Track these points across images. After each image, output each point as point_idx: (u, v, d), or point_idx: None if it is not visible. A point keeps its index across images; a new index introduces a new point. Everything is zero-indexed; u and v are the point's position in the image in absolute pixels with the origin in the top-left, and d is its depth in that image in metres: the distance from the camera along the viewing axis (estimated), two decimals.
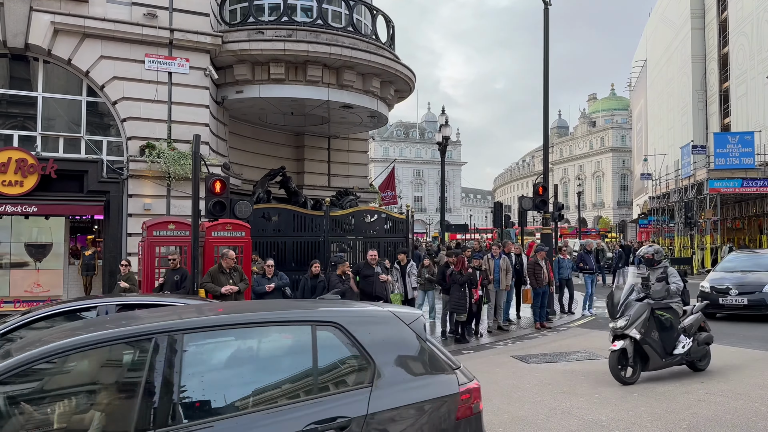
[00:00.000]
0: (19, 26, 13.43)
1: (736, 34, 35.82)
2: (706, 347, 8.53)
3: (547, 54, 16.94)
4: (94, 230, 17.25)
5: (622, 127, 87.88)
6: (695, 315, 8.52)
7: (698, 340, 8.30)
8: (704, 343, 8.46)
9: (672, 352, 8.00)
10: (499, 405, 7.08)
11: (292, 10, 17.26)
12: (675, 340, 8.04)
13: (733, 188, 28.38)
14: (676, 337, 8.06)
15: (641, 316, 7.84)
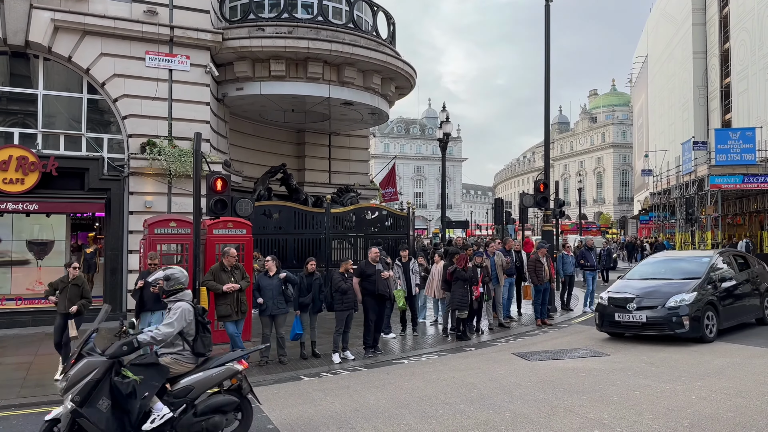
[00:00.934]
0: (20, 23, 13.42)
1: (737, 30, 35.71)
2: (224, 417, 5.78)
3: (548, 52, 16.90)
4: (95, 228, 17.25)
5: (623, 122, 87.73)
6: (213, 370, 5.82)
7: (197, 410, 5.66)
8: (214, 411, 5.73)
9: (139, 427, 5.43)
10: (501, 402, 7.08)
11: (292, 6, 17.24)
12: (139, 412, 5.42)
13: (734, 184, 28.29)
14: (142, 407, 5.43)
15: (84, 379, 5.29)
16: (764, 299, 12.27)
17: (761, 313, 12.17)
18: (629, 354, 9.86)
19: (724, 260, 11.99)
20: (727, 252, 12.86)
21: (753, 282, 12.14)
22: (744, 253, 13.66)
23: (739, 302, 11.63)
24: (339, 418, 6.73)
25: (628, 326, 10.77)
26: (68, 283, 8.96)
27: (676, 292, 10.61)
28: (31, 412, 7.42)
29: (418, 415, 6.70)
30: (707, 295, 10.76)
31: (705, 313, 10.56)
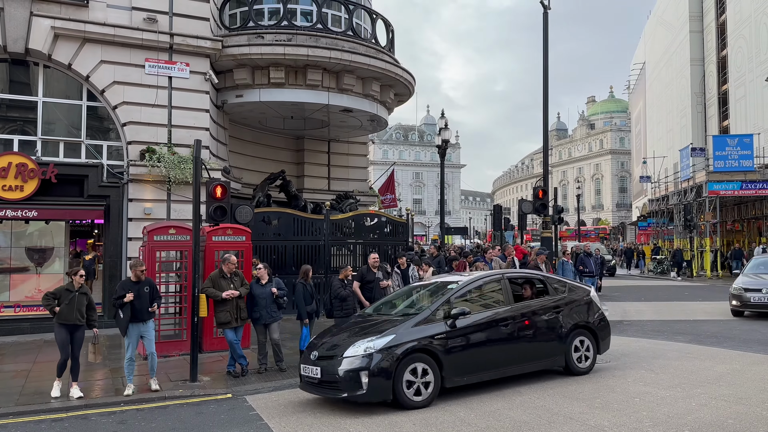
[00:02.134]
0: (20, 31, 13.44)
1: (734, 37, 35.89)
2: None
3: (546, 58, 16.97)
4: (94, 235, 17.24)
5: (620, 129, 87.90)
6: None
7: None
8: None
9: None
10: (501, 409, 7.07)
11: (292, 14, 17.29)
12: None
13: (732, 191, 28.36)
14: None
15: None
16: (570, 339, 8.68)
17: (562, 359, 8.64)
18: (628, 361, 9.85)
19: (483, 285, 8.72)
20: (504, 274, 9.08)
21: (550, 314, 8.67)
22: (535, 275, 9.68)
23: (500, 346, 8.10)
24: (339, 425, 6.71)
25: None
26: (76, 292, 8.27)
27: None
28: (30, 420, 7.40)
29: (419, 422, 6.69)
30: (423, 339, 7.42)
31: (408, 367, 7.19)
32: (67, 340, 8.25)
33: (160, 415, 7.46)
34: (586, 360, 8.84)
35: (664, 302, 18.96)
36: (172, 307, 11.65)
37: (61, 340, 8.28)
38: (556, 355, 8.61)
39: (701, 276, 29.13)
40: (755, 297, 14.31)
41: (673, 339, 12.05)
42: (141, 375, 9.03)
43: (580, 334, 8.86)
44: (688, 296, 20.78)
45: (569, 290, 9.29)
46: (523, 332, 8.33)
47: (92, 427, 7.07)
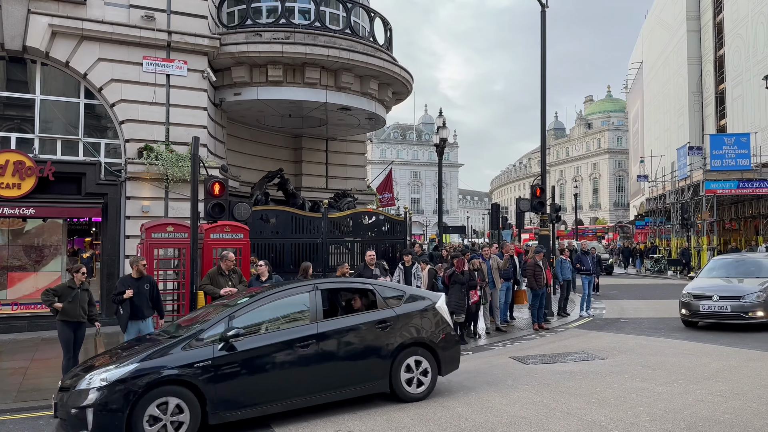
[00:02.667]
0: (17, 28, 13.43)
1: (731, 36, 35.97)
2: None
3: (544, 57, 16.98)
4: (91, 232, 17.22)
5: (618, 128, 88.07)
6: None
7: None
8: None
9: None
10: (498, 405, 7.10)
11: (289, 12, 17.29)
12: None
13: (729, 189, 28.46)
14: None
15: None
16: (399, 360, 7.32)
17: (385, 382, 7.24)
18: (626, 358, 9.89)
19: (285, 299, 7.29)
20: (317, 285, 7.49)
21: (373, 330, 7.28)
22: (361, 284, 8.18)
23: (296, 372, 6.74)
24: (336, 421, 6.72)
25: None
26: (78, 289, 8.25)
27: None
28: (28, 416, 7.41)
29: (417, 418, 6.71)
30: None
31: (153, 402, 5.94)
32: (71, 338, 8.26)
33: None
34: (420, 385, 7.37)
35: (661, 300, 19.00)
36: (170, 304, 11.65)
37: (65, 338, 8.28)
38: (376, 378, 7.17)
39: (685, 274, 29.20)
40: (705, 305, 12.39)
41: (670, 336, 12.10)
42: None
43: (415, 353, 7.40)
44: None
45: (407, 300, 7.76)
46: (330, 353, 6.91)
47: None
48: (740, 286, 12.73)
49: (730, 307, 12.15)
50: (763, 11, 31.73)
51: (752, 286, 12.47)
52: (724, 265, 14.25)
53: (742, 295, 12.22)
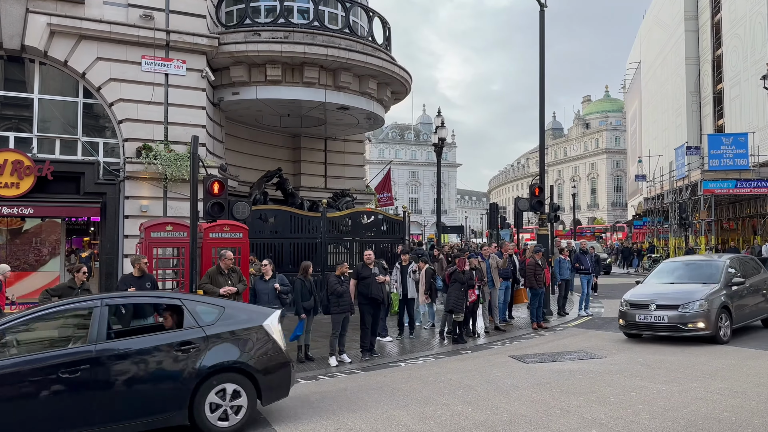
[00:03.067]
0: (16, 28, 13.40)
1: (729, 36, 36.03)
2: None
3: (542, 56, 17.00)
4: (90, 232, 17.20)
5: (616, 128, 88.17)
6: None
7: None
8: None
9: None
10: (498, 404, 7.10)
11: (288, 12, 17.29)
12: None
13: (727, 189, 28.53)
14: None
15: None
16: (205, 388, 6.33)
17: (184, 414, 6.26)
18: (625, 356, 9.91)
19: (55, 316, 6.47)
20: (103, 299, 6.53)
21: (170, 353, 6.31)
22: (163, 298, 7.64)
23: (60, 401, 5.83)
24: (337, 419, 6.73)
25: None
26: (78, 289, 8.17)
27: None
28: None
29: (417, 417, 6.71)
30: None
31: None
32: None
33: None
34: (234, 415, 6.30)
35: None
36: None
37: None
38: (171, 410, 6.09)
39: None
40: (642, 316, 10.86)
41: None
42: None
43: (227, 380, 6.34)
44: None
45: (223, 318, 6.65)
46: (108, 381, 5.89)
47: None
48: (682, 293, 10.99)
49: (667, 317, 10.59)
50: (761, 11, 31.78)
51: (695, 293, 10.82)
52: (675, 268, 12.67)
53: (682, 304, 10.60)
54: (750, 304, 11.78)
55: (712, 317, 10.50)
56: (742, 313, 11.44)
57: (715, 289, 10.98)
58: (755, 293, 12.03)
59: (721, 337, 10.60)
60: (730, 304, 10.98)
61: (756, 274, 12.42)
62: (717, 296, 10.82)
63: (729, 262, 11.87)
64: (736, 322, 11.11)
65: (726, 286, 11.20)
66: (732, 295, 11.16)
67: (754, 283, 12.04)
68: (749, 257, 14.26)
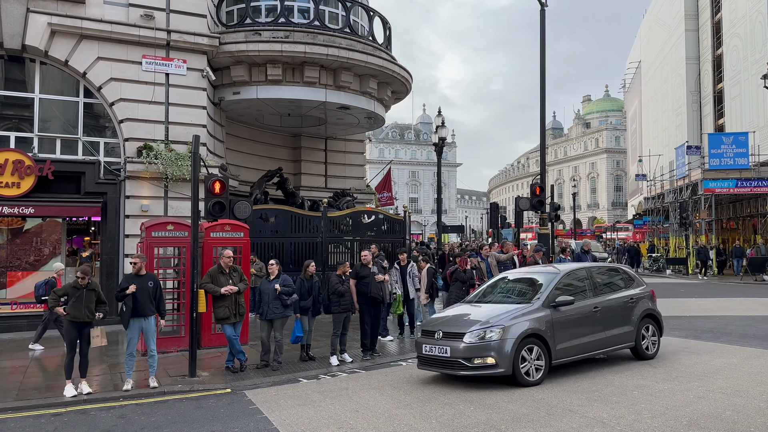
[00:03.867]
0: (16, 27, 13.40)
1: (729, 36, 36.03)
2: None
3: (543, 55, 17.00)
4: (91, 232, 17.18)
5: (616, 128, 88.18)
6: None
7: None
8: None
9: None
10: (500, 402, 7.10)
11: (289, 11, 17.28)
12: None
13: (727, 188, 28.50)
14: None
15: None
16: None
17: None
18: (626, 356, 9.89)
19: None
20: None
21: None
22: None
23: None
24: (339, 418, 6.73)
25: None
26: (83, 289, 8.16)
27: None
28: (29, 414, 7.39)
29: (419, 415, 6.71)
30: None
31: None
32: (75, 337, 8.17)
33: (159, 410, 7.46)
34: None
35: (660, 299, 18.83)
36: (171, 303, 11.63)
37: (70, 338, 8.21)
38: None
39: (697, 273, 29.24)
40: (428, 347, 8.32)
41: (670, 334, 12.06)
42: (140, 371, 9.01)
43: None
44: (684, 293, 20.86)
45: None
46: None
47: (92, 421, 7.07)
48: (477, 317, 8.42)
49: (450, 349, 7.97)
50: (761, 10, 31.77)
51: (493, 317, 8.20)
52: (506, 282, 10.02)
53: (467, 332, 7.99)
54: (589, 332, 8.76)
55: (506, 350, 7.74)
56: (574, 343, 8.51)
57: (524, 311, 8.29)
58: (606, 317, 9.01)
59: (524, 377, 7.81)
60: (548, 332, 8.19)
61: (616, 291, 9.52)
62: (521, 321, 8.09)
63: (562, 276, 9.08)
64: (560, 356, 8.28)
65: (548, 307, 8.42)
66: (555, 320, 8.34)
67: (603, 303, 9.07)
68: (616, 267, 10.80)
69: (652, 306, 9.83)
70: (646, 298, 9.83)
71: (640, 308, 9.54)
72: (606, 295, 9.32)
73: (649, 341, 9.56)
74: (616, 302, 9.35)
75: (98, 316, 8.26)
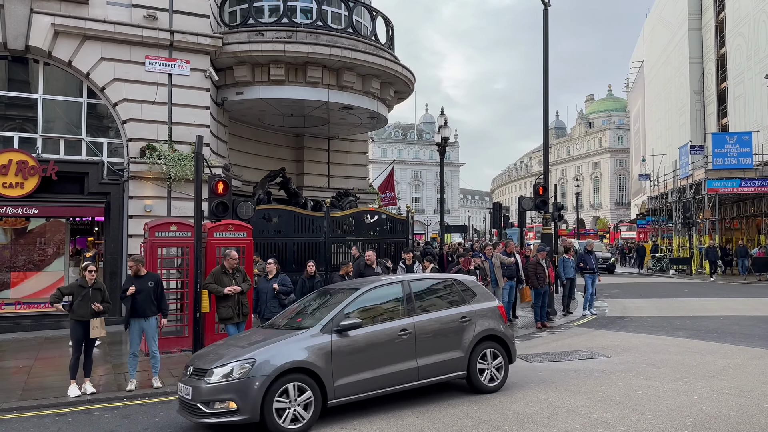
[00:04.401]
0: (20, 28, 13.43)
1: (733, 35, 35.94)
2: None
3: (546, 54, 16.97)
4: (94, 232, 17.22)
5: (619, 127, 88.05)
6: None
7: None
8: None
9: None
10: (504, 403, 7.09)
11: (291, 11, 17.28)
12: None
13: (731, 188, 28.43)
14: None
15: None
16: None
17: None
18: (630, 356, 9.88)
19: None
20: None
21: None
22: None
23: None
24: (343, 418, 6.72)
25: None
26: (89, 288, 8.16)
27: None
28: (33, 414, 7.41)
29: (422, 416, 6.70)
30: None
31: None
32: (81, 337, 8.20)
33: (163, 410, 7.47)
34: None
35: (664, 299, 19.00)
36: (174, 303, 11.66)
37: (76, 337, 8.22)
38: None
39: (700, 273, 29.18)
40: (181, 386, 6.67)
41: (674, 335, 12.08)
42: (143, 371, 9.03)
43: None
44: (688, 293, 20.83)
45: None
46: None
47: (96, 421, 7.08)
48: (239, 346, 6.80)
49: (191, 390, 6.39)
50: (765, 9, 31.69)
51: (255, 347, 6.60)
52: (327, 297, 7.96)
53: (212, 367, 6.41)
54: (392, 362, 7.02)
55: (252, 391, 6.16)
56: (365, 377, 6.80)
57: (295, 339, 6.68)
58: (422, 342, 7.29)
59: (277, 424, 6.19)
60: (323, 365, 6.53)
61: (442, 309, 7.78)
62: (281, 353, 6.46)
63: (360, 293, 7.35)
64: (340, 394, 6.64)
65: (330, 333, 6.77)
66: (337, 349, 6.69)
67: (419, 325, 7.33)
68: (451, 280, 8.40)
69: (496, 326, 7.95)
70: (489, 317, 7.95)
71: (476, 329, 7.70)
72: (426, 314, 7.54)
73: (491, 370, 7.70)
74: (439, 323, 7.54)
75: (96, 307, 8.21)
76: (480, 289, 8.36)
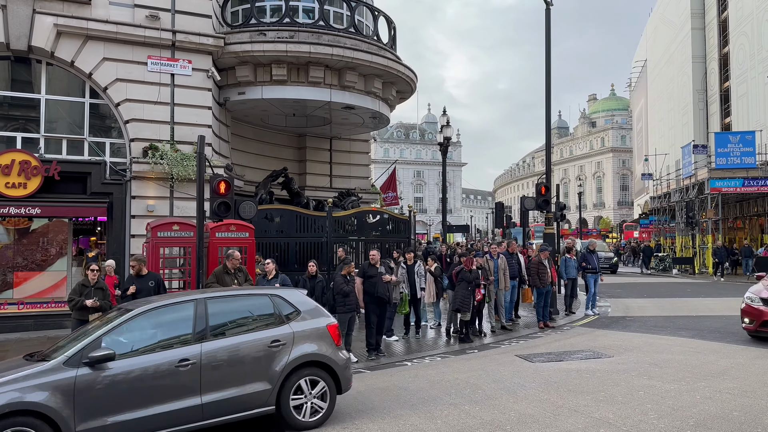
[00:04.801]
0: (22, 28, 13.45)
1: (736, 34, 35.85)
2: None
3: (548, 54, 16.95)
4: (97, 232, 17.25)
5: (622, 127, 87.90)
6: None
7: None
8: None
9: None
10: (506, 403, 7.09)
11: (293, 11, 17.28)
12: None
13: (734, 188, 28.35)
14: None
15: None
16: None
17: None
18: (632, 356, 9.86)
19: None
20: None
21: None
22: None
23: None
24: (344, 418, 6.73)
25: None
26: (91, 287, 8.32)
27: None
28: None
29: (424, 416, 6.70)
30: None
31: None
32: None
33: None
34: None
35: (666, 299, 18.96)
36: None
37: None
38: None
39: (703, 273, 29.11)
40: None
41: (676, 334, 12.05)
42: None
43: None
44: (691, 293, 20.79)
45: None
46: None
47: None
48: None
49: None
50: None
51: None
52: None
53: None
54: (164, 400, 5.81)
55: None
56: (120, 419, 5.57)
57: (26, 374, 5.46)
58: (211, 374, 6.08)
59: None
60: (60, 406, 5.33)
61: (249, 332, 6.56)
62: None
63: (139, 311, 6.17)
64: None
65: (76, 366, 5.58)
66: (85, 386, 5.51)
67: (209, 353, 6.12)
68: (268, 296, 7.02)
69: (320, 350, 6.67)
70: (312, 339, 6.69)
71: (291, 355, 6.45)
72: (219, 340, 6.29)
73: (310, 403, 6.47)
74: (235, 350, 6.30)
75: (87, 303, 8.27)
76: (307, 306, 7.02)
